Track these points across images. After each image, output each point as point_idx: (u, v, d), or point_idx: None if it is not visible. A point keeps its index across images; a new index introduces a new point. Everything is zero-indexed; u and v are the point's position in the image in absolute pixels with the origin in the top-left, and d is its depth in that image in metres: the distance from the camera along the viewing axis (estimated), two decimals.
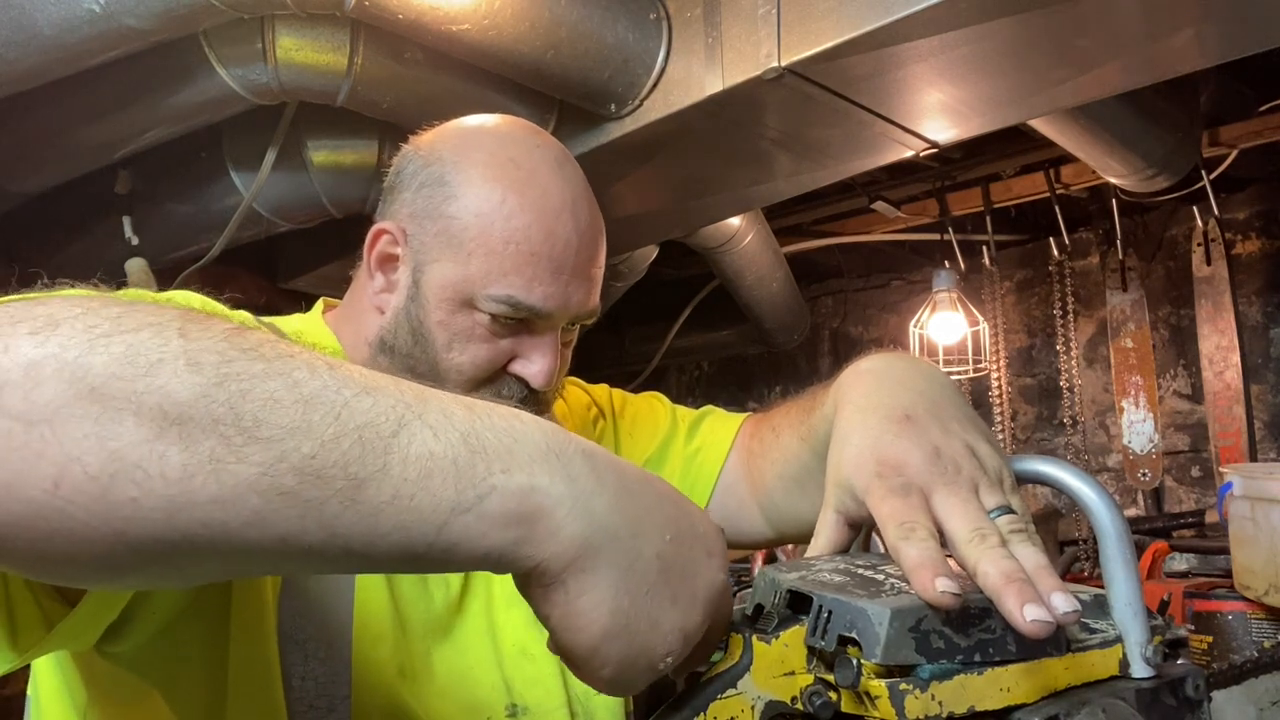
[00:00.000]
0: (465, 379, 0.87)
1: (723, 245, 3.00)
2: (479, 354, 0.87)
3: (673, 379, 4.59)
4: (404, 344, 0.88)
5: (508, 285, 0.84)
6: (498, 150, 0.88)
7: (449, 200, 0.86)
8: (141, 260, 2.30)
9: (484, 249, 0.85)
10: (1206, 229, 2.98)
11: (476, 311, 0.86)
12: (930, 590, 0.52)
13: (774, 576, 0.59)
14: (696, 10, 1.71)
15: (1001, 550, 0.56)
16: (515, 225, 0.85)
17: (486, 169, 0.87)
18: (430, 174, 0.88)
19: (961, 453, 0.64)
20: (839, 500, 0.66)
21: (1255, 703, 0.93)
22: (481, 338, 0.86)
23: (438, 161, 0.89)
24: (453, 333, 0.86)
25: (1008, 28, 1.49)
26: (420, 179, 0.89)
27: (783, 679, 0.55)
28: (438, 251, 0.86)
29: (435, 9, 1.52)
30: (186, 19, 1.51)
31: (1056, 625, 0.53)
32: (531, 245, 0.85)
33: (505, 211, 0.85)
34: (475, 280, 0.85)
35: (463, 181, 0.87)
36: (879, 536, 0.62)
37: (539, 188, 0.87)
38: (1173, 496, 3.12)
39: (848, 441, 0.68)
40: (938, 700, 0.52)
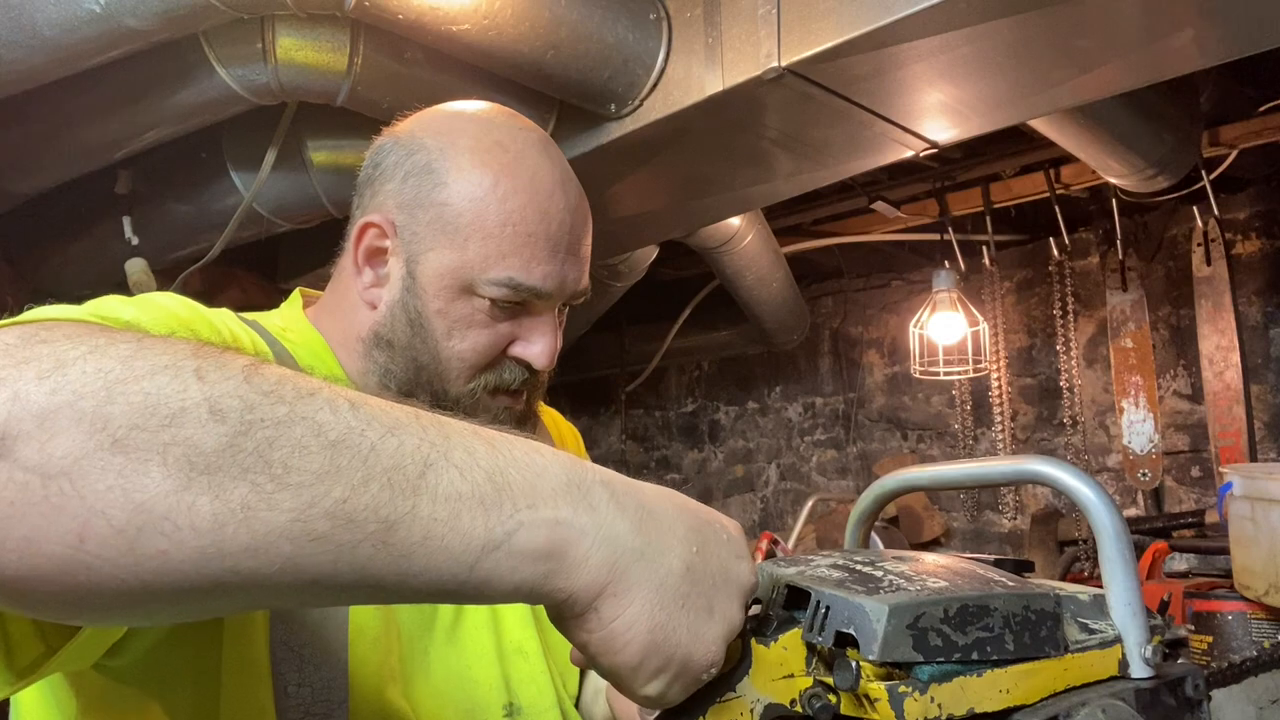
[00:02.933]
0: (467, 366, 0.86)
1: (723, 245, 3.00)
2: (480, 340, 0.86)
3: (673, 379, 4.59)
4: (402, 337, 0.87)
5: (507, 267, 0.84)
6: (483, 135, 0.88)
7: (439, 187, 0.86)
8: (141, 260, 2.30)
9: (480, 233, 0.84)
10: (1206, 229, 2.98)
11: (475, 297, 0.85)
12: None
13: (772, 571, 0.59)
14: (696, 10, 1.71)
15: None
16: (511, 207, 0.84)
17: (474, 154, 0.86)
18: (415, 163, 0.87)
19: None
20: None
21: (1255, 702, 0.93)
22: (481, 323, 0.86)
23: (422, 150, 0.88)
24: (452, 320, 0.85)
25: (1008, 28, 1.49)
26: (405, 169, 0.88)
27: (782, 682, 0.55)
28: (432, 240, 0.85)
29: (435, 9, 1.52)
30: (186, 19, 1.50)
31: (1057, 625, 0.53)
32: (528, 226, 0.85)
33: (499, 194, 0.85)
34: (474, 265, 0.84)
35: (452, 168, 0.86)
36: (877, 536, 0.62)
37: (529, 169, 0.87)
38: (1173, 496, 3.12)
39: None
40: (937, 702, 0.52)
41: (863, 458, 3.91)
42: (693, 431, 4.52)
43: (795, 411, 4.15)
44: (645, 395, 4.61)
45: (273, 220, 2.20)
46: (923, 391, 3.72)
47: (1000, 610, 0.55)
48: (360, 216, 0.90)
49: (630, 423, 4.66)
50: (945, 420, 3.66)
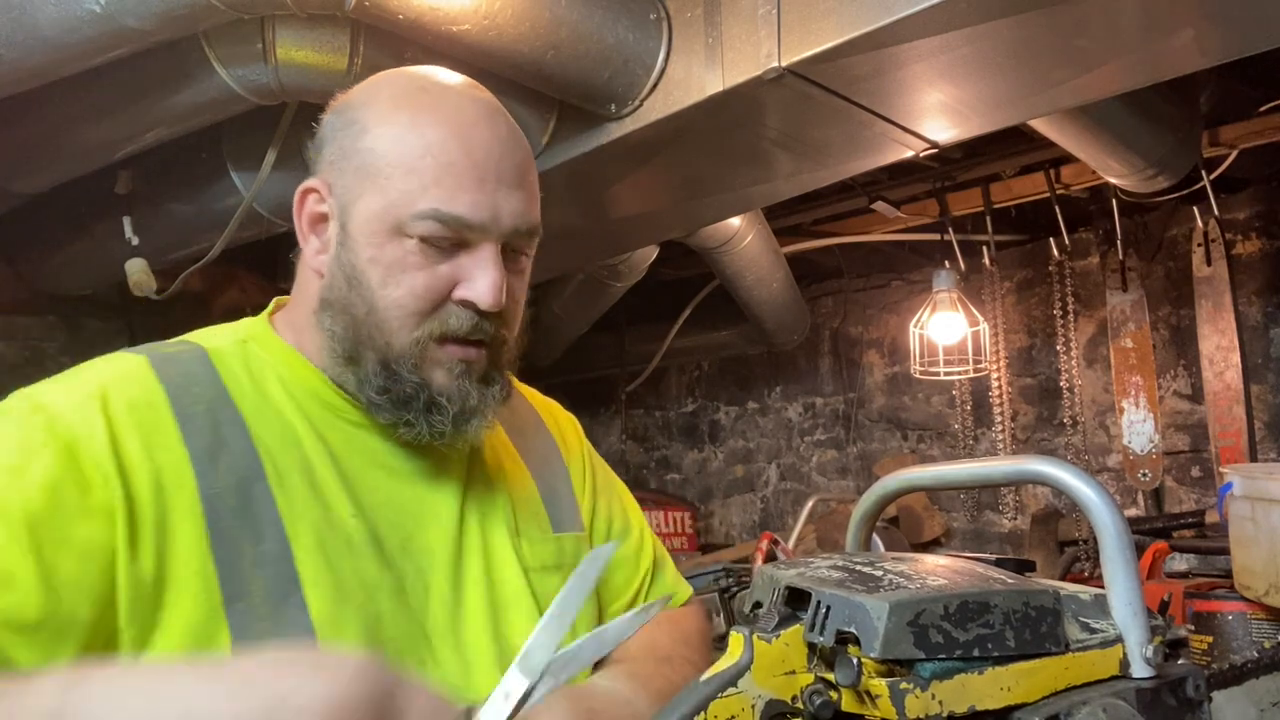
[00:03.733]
0: (408, 313, 0.83)
1: (723, 245, 3.00)
2: (416, 283, 0.82)
3: (673, 379, 4.59)
4: (340, 293, 0.84)
5: (430, 199, 0.81)
6: (407, 84, 0.87)
7: (361, 135, 0.84)
8: (141, 260, 2.30)
9: (401, 169, 0.82)
10: (1206, 229, 2.98)
11: (405, 238, 0.82)
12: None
13: (773, 574, 0.59)
14: (696, 10, 1.71)
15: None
16: (429, 139, 0.82)
17: (394, 99, 0.85)
18: (343, 119, 0.87)
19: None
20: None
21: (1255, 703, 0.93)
22: (416, 265, 0.82)
23: (349, 108, 0.88)
24: (385, 266, 0.82)
25: (1008, 28, 1.49)
26: (335, 128, 0.87)
27: (783, 678, 0.55)
28: (359, 188, 0.83)
29: (435, 9, 1.52)
30: (186, 19, 1.51)
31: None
32: (449, 155, 0.82)
33: (418, 130, 0.83)
34: (399, 204, 0.81)
35: (373, 115, 0.85)
36: (878, 537, 0.62)
37: (450, 105, 0.85)
38: (1173, 496, 3.12)
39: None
40: (938, 699, 0.52)
41: (863, 458, 3.91)
42: (693, 431, 4.52)
43: (795, 411, 4.15)
44: (645, 395, 4.61)
45: (273, 220, 2.20)
46: (923, 391, 3.72)
47: (1000, 607, 0.55)
48: (301, 184, 0.88)
49: (630, 423, 4.66)
50: (945, 420, 3.66)
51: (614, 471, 1.17)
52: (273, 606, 0.76)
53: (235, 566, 0.75)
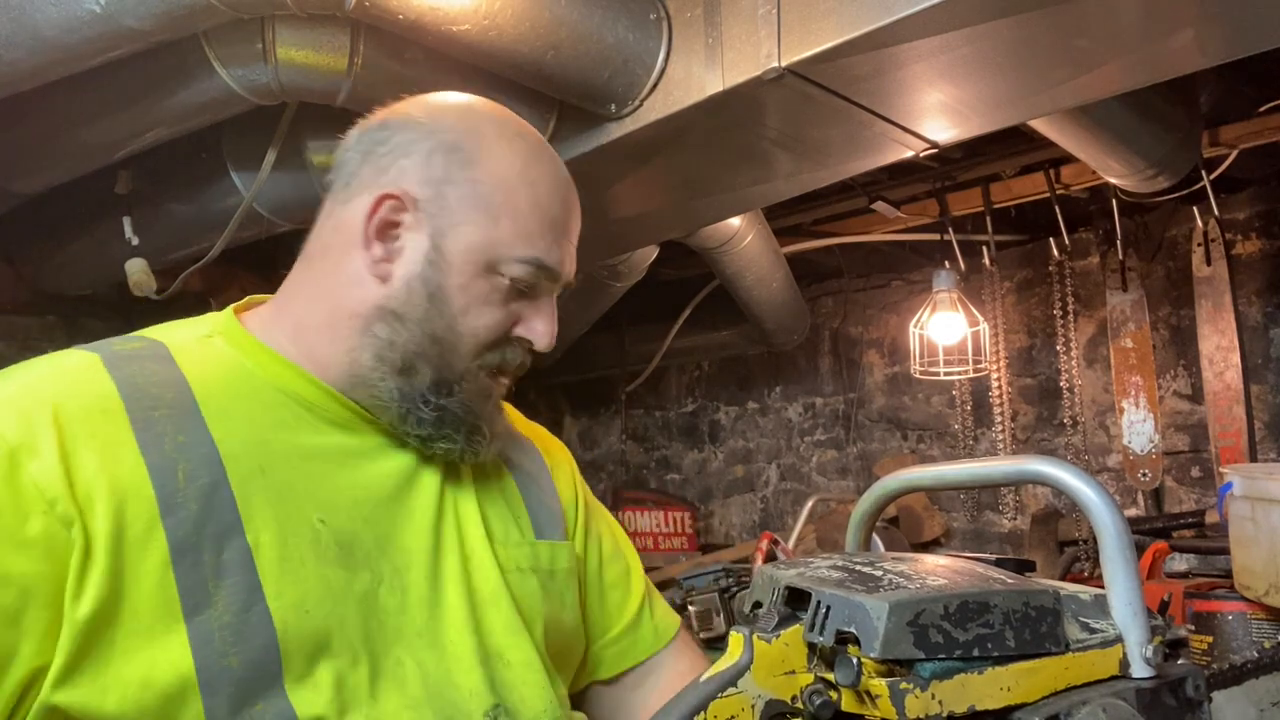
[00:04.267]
0: (478, 343, 0.88)
1: (723, 245, 2.99)
2: (493, 318, 0.88)
3: (673, 379, 4.60)
4: (417, 310, 0.86)
5: (533, 248, 0.88)
6: (503, 124, 0.92)
7: (471, 165, 0.87)
8: (141, 260, 2.30)
9: (511, 212, 0.87)
10: (1206, 229, 2.98)
11: (497, 275, 0.87)
12: None
13: (772, 573, 0.59)
14: (696, 10, 1.71)
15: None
16: (539, 191, 0.89)
17: (501, 139, 0.90)
18: (441, 141, 0.88)
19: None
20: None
21: (1255, 704, 0.93)
22: (496, 302, 0.88)
23: (446, 130, 0.89)
24: (471, 296, 0.87)
25: (1008, 28, 1.49)
26: (427, 147, 0.88)
27: (783, 678, 0.55)
28: (463, 215, 0.87)
29: (435, 9, 1.52)
30: (186, 19, 1.50)
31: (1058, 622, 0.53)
32: (552, 211, 0.90)
33: (529, 178, 0.89)
34: (503, 243, 0.87)
35: (482, 148, 0.88)
36: (878, 537, 0.62)
37: (548, 159, 0.92)
38: (1173, 496, 3.12)
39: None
40: (938, 699, 0.52)
41: (863, 458, 3.91)
42: (693, 431, 4.52)
43: (795, 411, 4.15)
44: (645, 395, 4.61)
45: (273, 220, 2.20)
46: (923, 391, 3.72)
47: (1000, 607, 0.55)
48: (369, 189, 0.88)
49: (630, 423, 4.66)
50: (945, 420, 3.66)
51: (614, 475, 1.19)
52: (235, 615, 0.74)
53: (195, 577, 0.73)
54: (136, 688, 0.70)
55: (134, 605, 0.71)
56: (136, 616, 0.71)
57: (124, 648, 0.71)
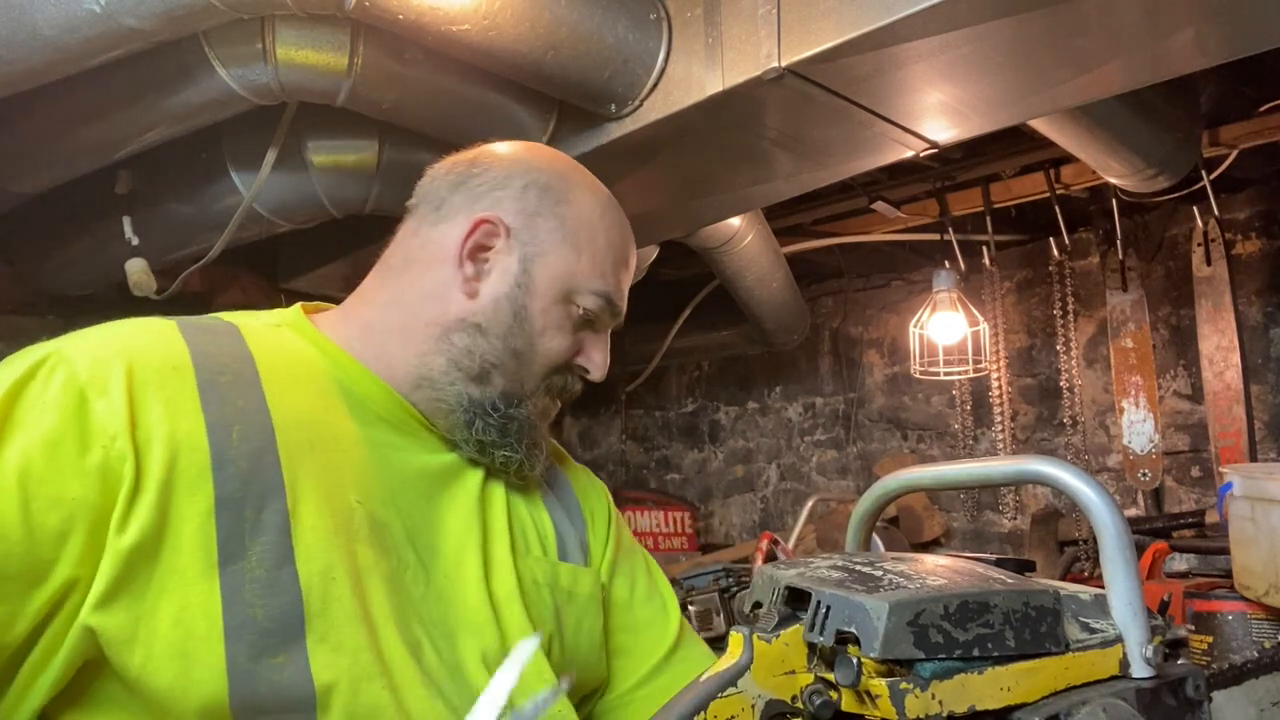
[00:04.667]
0: (549, 364, 0.97)
1: (723, 245, 3.00)
2: (563, 344, 0.97)
3: (673, 379, 4.60)
4: (502, 326, 0.95)
5: (605, 283, 0.98)
6: (584, 174, 1.04)
7: (562, 203, 0.98)
8: (141, 260, 2.30)
9: (591, 248, 0.98)
10: (1206, 229, 2.98)
11: (572, 305, 0.97)
12: None
13: (772, 574, 0.59)
14: (696, 10, 1.71)
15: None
16: (614, 235, 1.00)
17: (585, 187, 1.01)
18: (535, 179, 0.98)
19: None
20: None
21: (1255, 703, 0.93)
22: (568, 329, 0.97)
23: (540, 171, 1.00)
24: (549, 320, 0.96)
25: (1008, 28, 1.49)
26: (522, 183, 0.98)
27: (783, 678, 0.55)
28: (551, 246, 0.96)
29: (435, 9, 1.52)
30: (186, 19, 1.50)
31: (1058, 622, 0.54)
32: (623, 254, 1.01)
33: (607, 222, 1.00)
34: (583, 274, 0.97)
35: (570, 190, 0.99)
36: (878, 537, 0.62)
37: (618, 210, 1.03)
38: (1173, 496, 3.12)
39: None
40: (938, 699, 0.52)
41: (863, 458, 3.91)
42: (693, 431, 4.52)
43: (795, 411, 4.15)
44: (645, 395, 4.61)
45: (273, 220, 2.20)
46: (923, 391, 3.72)
47: (1000, 607, 0.55)
48: (464, 213, 0.97)
49: (630, 423, 4.66)
50: (945, 420, 3.66)
51: (614, 475, 1.21)
52: (266, 571, 0.78)
53: (234, 530, 0.78)
54: (168, 624, 0.74)
55: (175, 546, 0.76)
56: (176, 556, 0.76)
57: (160, 585, 0.75)
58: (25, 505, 0.72)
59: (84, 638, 0.73)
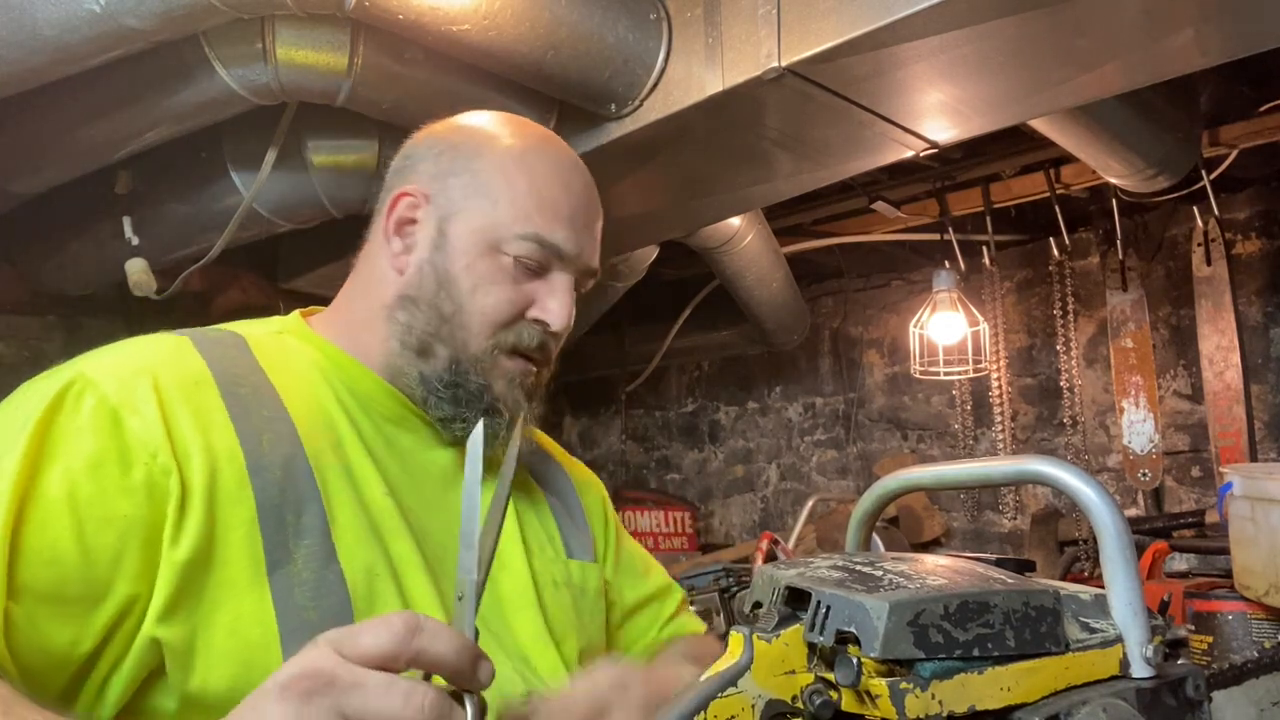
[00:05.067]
0: (489, 322, 0.92)
1: (723, 245, 3.00)
2: (502, 296, 0.92)
3: (673, 379, 4.60)
4: (428, 292, 0.92)
5: (532, 225, 0.92)
6: (508, 123, 0.99)
7: (472, 158, 0.94)
8: (141, 260, 2.30)
9: (509, 194, 0.92)
10: (1206, 229, 2.98)
11: (501, 255, 0.92)
12: None
13: (772, 574, 0.59)
14: (696, 10, 1.71)
15: None
16: (537, 174, 0.94)
17: (503, 135, 0.96)
18: (448, 143, 0.96)
19: None
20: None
21: (1256, 703, 0.93)
22: (505, 280, 0.92)
23: (454, 133, 0.97)
24: (478, 276, 0.92)
25: (1008, 28, 1.49)
26: (439, 149, 0.96)
27: (783, 678, 0.55)
28: (464, 201, 0.93)
29: (435, 9, 1.52)
30: (186, 19, 1.51)
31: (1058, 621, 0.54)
32: (551, 191, 0.94)
33: (527, 163, 0.94)
34: (502, 223, 0.92)
35: (484, 142, 0.95)
36: (878, 537, 0.62)
37: (551, 149, 0.98)
38: (1173, 496, 3.12)
39: None
40: (938, 699, 0.52)
41: (863, 458, 3.91)
42: (693, 431, 4.52)
43: (795, 411, 4.15)
44: (645, 395, 4.61)
45: (273, 220, 2.20)
46: (923, 391, 3.72)
47: (1000, 607, 0.55)
48: (391, 190, 0.96)
49: (630, 423, 4.66)
50: (945, 420, 3.66)
51: (614, 475, 1.21)
52: (313, 573, 0.79)
53: (278, 536, 0.79)
54: (224, 634, 0.75)
55: (224, 556, 0.76)
56: (226, 566, 0.76)
57: (214, 596, 0.75)
58: (79, 528, 0.72)
59: (149, 649, 0.74)
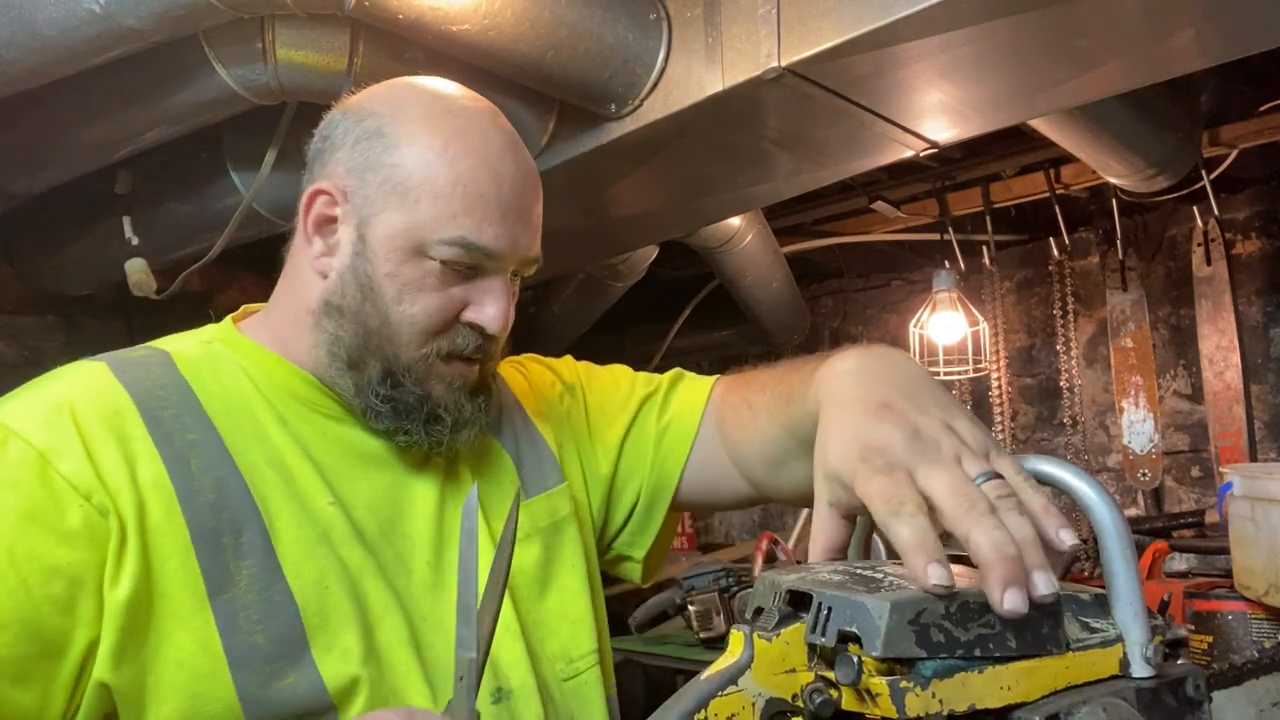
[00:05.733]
0: (418, 330, 0.86)
1: (723, 245, 3.00)
2: (430, 304, 0.86)
3: None
4: (352, 302, 0.86)
5: (458, 227, 0.84)
6: (432, 103, 0.88)
7: (390, 150, 0.85)
8: (141, 260, 2.30)
9: (431, 193, 0.84)
10: (1206, 229, 2.98)
11: (426, 259, 0.85)
12: (922, 575, 0.54)
13: (774, 579, 0.59)
14: (696, 10, 1.71)
15: (991, 519, 0.58)
16: (461, 168, 0.84)
17: (425, 119, 0.86)
18: (365, 129, 0.87)
19: (940, 429, 0.65)
20: (831, 493, 0.68)
21: (1255, 704, 0.93)
22: (432, 286, 0.85)
23: (372, 116, 0.87)
24: (402, 283, 0.85)
25: (1008, 28, 1.49)
26: (354, 135, 0.87)
27: (784, 676, 0.55)
28: (383, 202, 0.85)
29: (435, 9, 1.52)
30: (186, 19, 1.51)
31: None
32: (479, 186, 0.85)
33: (450, 156, 0.84)
34: (425, 226, 0.84)
35: (402, 131, 0.86)
36: (878, 534, 0.62)
37: (479, 133, 0.87)
38: (1173, 496, 3.12)
39: (830, 434, 0.70)
40: (938, 698, 0.52)
41: None
42: None
43: None
44: None
45: (273, 220, 2.20)
46: None
47: None
48: (309, 184, 0.90)
49: None
50: None
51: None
52: (257, 594, 0.77)
53: (217, 561, 0.76)
54: (171, 668, 0.73)
55: (163, 589, 0.74)
56: (166, 599, 0.74)
57: (158, 629, 0.74)
58: (24, 584, 0.70)
59: (100, 695, 0.72)
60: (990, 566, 0.54)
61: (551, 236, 0.96)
